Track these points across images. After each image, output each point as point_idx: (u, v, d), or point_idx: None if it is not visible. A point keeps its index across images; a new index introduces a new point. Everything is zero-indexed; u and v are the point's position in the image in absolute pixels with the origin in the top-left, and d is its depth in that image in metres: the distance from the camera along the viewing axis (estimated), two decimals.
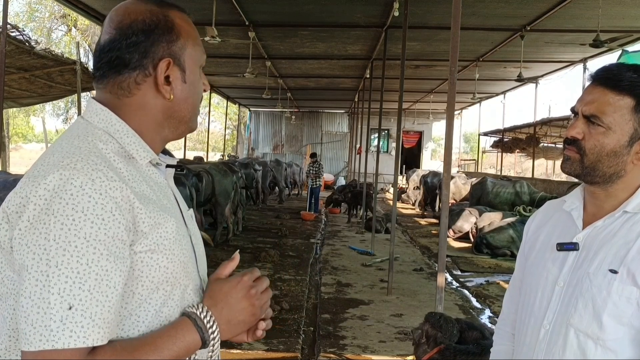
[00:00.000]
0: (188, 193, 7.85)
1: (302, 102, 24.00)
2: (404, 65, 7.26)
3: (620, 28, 9.26)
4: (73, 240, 0.87)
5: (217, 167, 10.08)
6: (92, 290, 0.87)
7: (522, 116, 60.39)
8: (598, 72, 1.35)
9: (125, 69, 1.03)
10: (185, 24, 1.08)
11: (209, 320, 0.99)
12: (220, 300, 1.02)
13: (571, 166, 1.36)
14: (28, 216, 0.89)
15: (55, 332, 0.84)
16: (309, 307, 6.34)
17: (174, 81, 1.05)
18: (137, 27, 1.02)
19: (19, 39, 7.17)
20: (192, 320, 0.98)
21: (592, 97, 1.32)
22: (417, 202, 17.51)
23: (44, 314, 0.84)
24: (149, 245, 0.96)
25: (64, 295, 0.85)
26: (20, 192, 0.92)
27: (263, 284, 1.07)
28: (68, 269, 0.86)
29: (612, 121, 1.29)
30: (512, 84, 16.57)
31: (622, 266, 1.27)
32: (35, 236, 0.87)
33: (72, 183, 0.89)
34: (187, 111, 1.09)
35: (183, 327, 0.98)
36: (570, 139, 1.35)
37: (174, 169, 1.15)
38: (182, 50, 1.06)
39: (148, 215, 0.96)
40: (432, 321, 3.35)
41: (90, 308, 0.86)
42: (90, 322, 0.86)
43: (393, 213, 7.58)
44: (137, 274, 0.96)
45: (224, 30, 9.40)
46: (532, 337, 1.41)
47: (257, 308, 1.05)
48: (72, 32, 21.77)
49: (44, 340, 0.84)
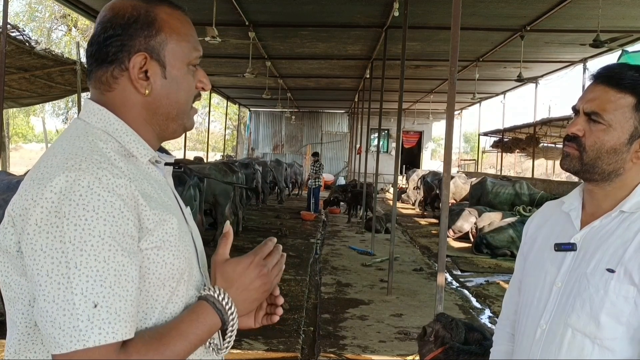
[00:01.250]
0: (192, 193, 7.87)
1: (302, 102, 24.00)
2: (404, 65, 7.26)
3: (620, 28, 9.26)
4: (89, 240, 0.87)
5: (217, 167, 10.09)
6: (113, 286, 0.88)
7: (522, 116, 60.43)
8: (600, 70, 1.36)
9: (104, 62, 1.03)
10: (172, 19, 1.06)
11: (227, 302, 1.01)
12: (235, 280, 1.03)
13: (570, 162, 1.37)
14: (36, 220, 0.89)
15: (85, 331, 0.85)
16: (309, 307, 6.34)
17: (153, 76, 1.04)
18: (117, 21, 1.03)
19: (19, 39, 7.17)
20: (211, 304, 1.00)
21: (594, 95, 1.33)
22: (417, 202, 17.52)
23: (70, 316, 0.85)
24: (154, 242, 0.97)
25: (87, 294, 0.86)
26: (26, 195, 0.91)
27: (274, 259, 1.08)
28: (88, 268, 0.87)
29: (613, 119, 1.30)
30: (512, 84, 16.58)
31: (619, 265, 1.28)
32: (49, 240, 0.87)
33: (79, 184, 0.89)
34: (171, 108, 1.07)
35: (203, 311, 0.99)
36: (570, 135, 1.36)
37: (172, 167, 1.15)
38: (162, 45, 1.04)
39: (152, 212, 0.97)
40: (444, 323, 3.38)
41: (115, 304, 0.87)
42: (116, 317, 0.87)
43: (393, 213, 7.58)
44: (144, 271, 0.96)
45: (224, 30, 9.40)
46: (529, 337, 1.42)
47: (269, 284, 1.07)
48: (72, 32, 21.78)
49: (74, 341, 0.85)
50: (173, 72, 1.06)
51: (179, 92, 1.07)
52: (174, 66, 1.06)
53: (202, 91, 1.13)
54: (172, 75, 1.06)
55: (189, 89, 1.09)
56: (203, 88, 1.13)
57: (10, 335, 0.97)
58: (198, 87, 1.12)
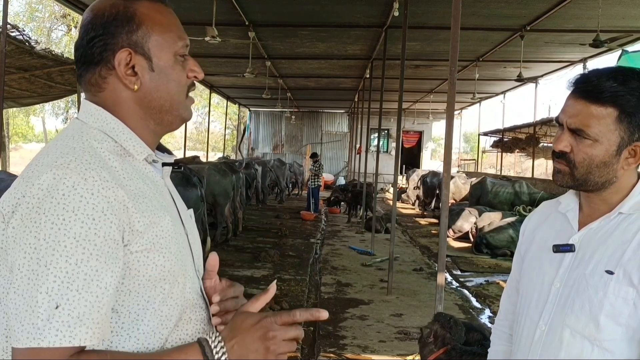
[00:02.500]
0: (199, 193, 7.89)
1: (302, 102, 24.00)
2: (404, 65, 7.26)
3: (620, 28, 9.26)
4: (62, 240, 0.87)
5: (217, 167, 10.08)
6: (80, 290, 0.87)
7: (522, 116, 60.38)
8: (578, 82, 1.33)
9: (91, 64, 1.03)
10: (152, 11, 1.05)
11: (217, 352, 0.95)
12: (238, 335, 0.96)
13: (563, 179, 1.37)
14: (21, 214, 0.89)
15: (42, 330, 0.84)
16: (309, 307, 6.34)
17: (140, 71, 1.04)
18: (97, 21, 1.02)
19: (19, 38, 7.17)
20: (202, 347, 0.95)
21: (575, 111, 1.32)
22: (417, 202, 17.52)
23: (31, 312, 0.85)
24: (144, 244, 0.96)
25: (51, 294, 0.85)
26: (15, 192, 0.92)
27: (289, 333, 0.97)
28: (57, 269, 0.86)
29: (598, 133, 1.29)
30: (512, 84, 16.57)
31: (618, 267, 1.28)
32: (26, 234, 0.88)
33: (64, 182, 0.89)
34: (163, 100, 1.06)
35: (190, 352, 0.96)
36: (558, 152, 1.35)
37: (170, 167, 1.14)
38: (144, 38, 1.03)
39: (143, 215, 0.96)
40: (442, 322, 3.37)
41: (78, 308, 0.86)
42: (77, 322, 0.86)
43: (393, 213, 7.58)
44: (134, 273, 0.96)
45: (224, 30, 9.39)
46: (528, 338, 1.42)
47: (272, 354, 0.96)
48: (72, 32, 21.76)
49: (30, 338, 0.84)
50: (160, 64, 1.05)
51: (169, 83, 1.06)
52: (160, 58, 1.05)
53: (195, 80, 1.12)
54: (160, 67, 1.05)
55: (179, 79, 1.08)
56: (195, 77, 1.11)
57: None
58: (190, 76, 1.10)
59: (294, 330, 0.98)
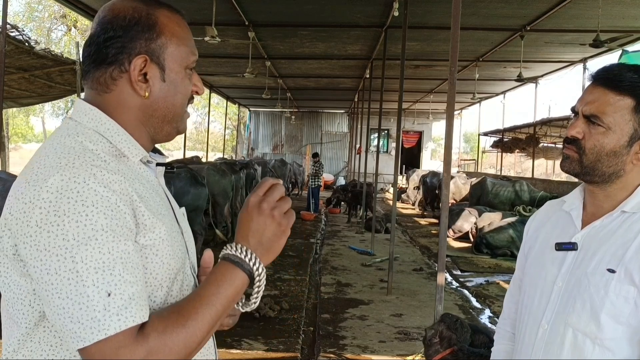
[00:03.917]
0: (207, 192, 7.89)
1: (302, 102, 24.00)
2: (404, 65, 7.26)
3: (620, 28, 9.26)
4: (92, 234, 0.88)
5: (216, 167, 10.08)
6: (122, 273, 0.89)
7: (522, 116, 60.41)
8: (599, 72, 1.35)
9: (103, 63, 1.03)
10: (172, 23, 1.06)
11: (246, 254, 1.00)
12: (249, 230, 1.02)
13: (570, 165, 1.37)
14: (36, 221, 0.89)
15: (104, 321, 0.86)
16: (308, 307, 6.34)
17: (152, 79, 1.04)
18: (118, 22, 1.02)
19: (19, 39, 7.17)
20: (235, 263, 0.99)
21: (593, 97, 1.33)
22: (417, 202, 17.52)
23: (87, 308, 0.86)
24: (149, 239, 0.97)
25: (99, 285, 0.87)
26: (22, 198, 0.92)
27: (284, 205, 1.05)
28: (94, 260, 0.87)
29: (612, 121, 1.30)
30: (512, 84, 16.58)
31: (620, 265, 1.28)
32: (52, 239, 0.88)
33: (74, 181, 0.90)
34: (168, 111, 1.07)
35: (227, 272, 0.99)
36: (570, 138, 1.35)
37: (163, 167, 1.15)
38: (162, 48, 1.04)
39: (147, 210, 0.98)
40: (448, 323, 3.37)
41: (127, 289, 0.89)
42: (131, 302, 0.88)
43: (393, 213, 7.58)
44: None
45: (223, 30, 9.40)
46: (531, 337, 1.42)
47: (285, 225, 1.06)
48: (72, 32, 21.77)
49: (95, 332, 0.86)
50: (172, 76, 1.06)
51: (176, 95, 1.08)
52: (173, 70, 1.06)
53: (195, 95, 1.14)
54: (171, 79, 1.06)
55: (185, 93, 1.10)
56: (197, 92, 1.13)
57: (9, 334, 0.98)
58: (192, 90, 1.12)
59: (286, 202, 1.06)
